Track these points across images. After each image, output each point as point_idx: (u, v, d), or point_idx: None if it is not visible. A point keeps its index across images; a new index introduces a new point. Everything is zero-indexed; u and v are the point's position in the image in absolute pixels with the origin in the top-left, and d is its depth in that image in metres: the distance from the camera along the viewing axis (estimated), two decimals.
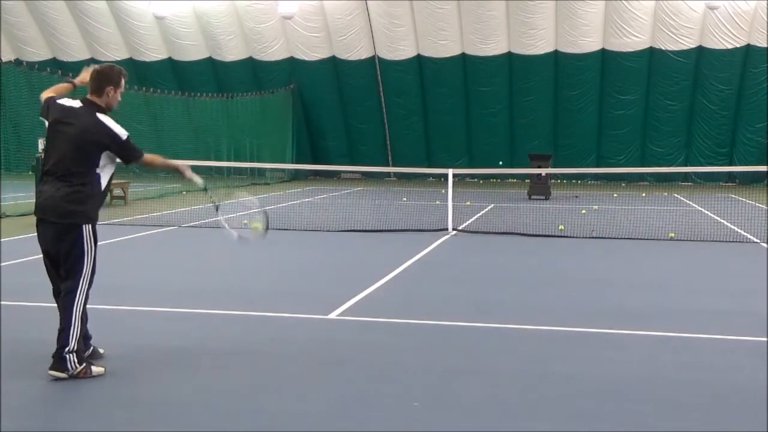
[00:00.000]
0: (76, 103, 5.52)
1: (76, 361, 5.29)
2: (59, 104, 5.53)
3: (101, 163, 5.45)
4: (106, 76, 5.55)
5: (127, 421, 4.67)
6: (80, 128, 5.38)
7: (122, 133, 5.47)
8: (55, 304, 5.58)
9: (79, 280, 5.39)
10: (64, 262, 5.42)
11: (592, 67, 29.07)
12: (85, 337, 5.57)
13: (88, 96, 5.55)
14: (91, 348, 5.70)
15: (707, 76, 28.44)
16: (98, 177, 5.46)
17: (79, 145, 5.36)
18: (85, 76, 5.82)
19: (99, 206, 5.57)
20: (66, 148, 5.37)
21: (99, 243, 5.59)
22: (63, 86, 5.86)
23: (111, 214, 15.95)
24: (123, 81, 5.61)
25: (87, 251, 5.42)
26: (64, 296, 5.39)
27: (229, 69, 31.85)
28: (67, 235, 5.38)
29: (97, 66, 5.68)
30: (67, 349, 5.27)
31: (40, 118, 5.66)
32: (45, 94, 5.71)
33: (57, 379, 5.28)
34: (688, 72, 28.52)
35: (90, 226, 5.44)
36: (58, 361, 5.29)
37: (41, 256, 5.58)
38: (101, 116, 5.46)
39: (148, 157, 5.70)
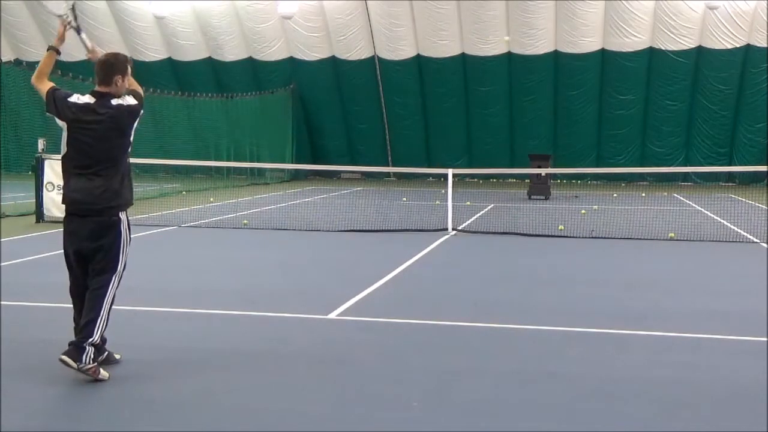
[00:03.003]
0: (89, 98, 5.46)
1: (92, 355, 5.20)
2: (71, 102, 5.45)
3: (130, 143, 5.53)
4: (111, 65, 5.50)
5: (127, 421, 4.67)
6: (105, 120, 5.37)
7: (134, 102, 5.54)
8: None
9: (114, 274, 5.42)
10: (102, 258, 5.39)
11: (592, 67, 29.07)
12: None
13: (97, 87, 5.49)
14: (106, 353, 5.54)
15: (707, 76, 28.45)
16: (126, 159, 5.53)
17: (108, 138, 5.38)
18: (61, 30, 5.83)
19: (132, 189, 5.65)
20: (95, 144, 5.36)
21: None
22: (47, 61, 5.72)
23: None
24: (129, 68, 5.57)
25: (124, 245, 5.48)
26: (97, 289, 5.34)
27: (229, 69, 31.84)
28: (109, 231, 5.40)
29: (101, 56, 5.60)
30: (90, 340, 5.18)
31: (48, 114, 5.56)
32: (39, 83, 5.60)
33: (65, 364, 5.13)
34: (687, 72, 28.53)
35: (125, 215, 5.50)
36: (76, 350, 5.16)
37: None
38: (115, 101, 5.46)
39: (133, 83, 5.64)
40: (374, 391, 5.24)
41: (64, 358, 5.18)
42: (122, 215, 5.48)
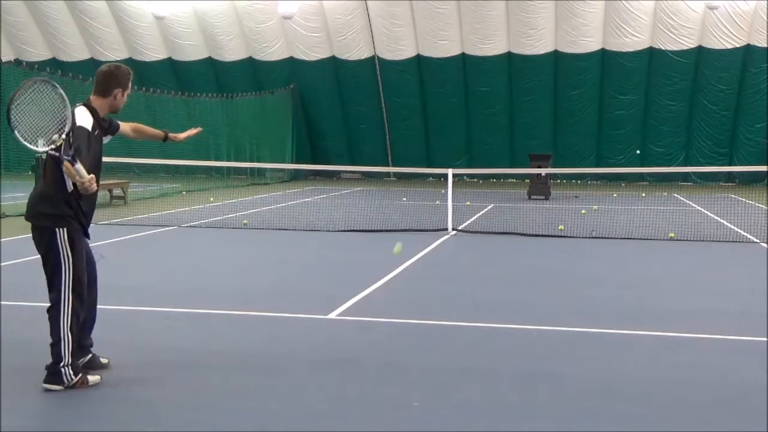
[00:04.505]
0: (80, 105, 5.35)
1: (71, 373, 5.12)
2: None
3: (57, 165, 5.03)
4: (114, 77, 5.33)
5: (126, 421, 4.67)
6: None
7: (82, 121, 5.11)
8: None
9: (61, 291, 5.10)
10: (46, 267, 5.18)
11: (592, 67, 29.07)
12: (82, 346, 5.40)
13: (91, 96, 5.34)
14: (90, 356, 5.49)
15: (707, 76, 28.44)
16: (62, 179, 5.07)
17: None
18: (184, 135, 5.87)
19: (75, 208, 5.16)
20: None
21: (100, 243, 5.55)
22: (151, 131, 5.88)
23: (111, 214, 15.95)
24: (130, 82, 5.43)
25: (63, 259, 5.09)
26: (50, 309, 5.14)
27: (229, 69, 31.85)
28: (42, 239, 5.16)
29: (103, 66, 5.45)
30: (61, 363, 5.10)
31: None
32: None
33: (50, 391, 5.10)
34: (688, 72, 28.52)
35: (65, 230, 5.11)
36: (53, 375, 5.10)
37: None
38: (78, 108, 5.23)
39: (68, 167, 4.93)
40: (374, 391, 5.24)
41: (47, 386, 5.11)
42: (59, 230, 5.08)
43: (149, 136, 6.02)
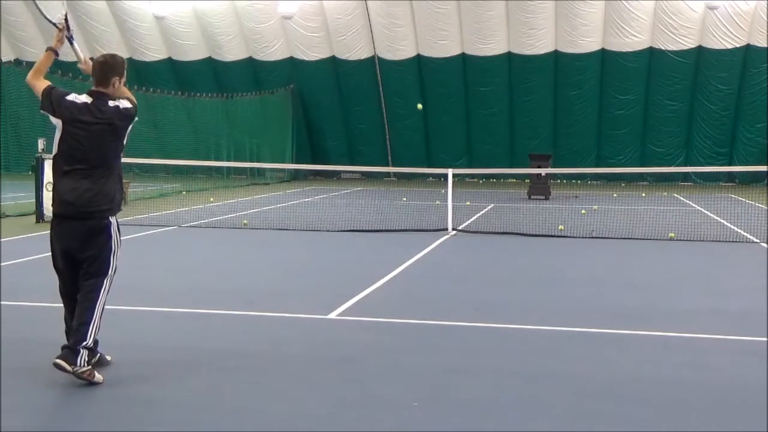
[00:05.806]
0: (87, 98, 5.44)
1: (86, 359, 5.17)
2: (69, 101, 5.41)
3: (123, 146, 5.58)
4: (111, 66, 5.52)
5: (127, 421, 4.67)
6: (105, 122, 5.37)
7: (130, 105, 5.57)
8: (59, 304, 5.54)
9: (105, 278, 5.37)
10: (93, 262, 5.35)
11: (592, 67, 29.08)
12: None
13: (95, 88, 5.48)
14: (98, 355, 5.54)
15: (707, 76, 28.46)
16: (119, 163, 5.56)
17: (105, 140, 5.38)
18: (60, 35, 5.78)
19: (122, 192, 5.66)
20: (90, 144, 5.33)
21: None
22: (45, 61, 5.69)
23: None
24: (125, 70, 5.63)
25: (115, 249, 5.44)
26: (89, 293, 5.29)
27: (229, 69, 31.85)
28: (100, 235, 5.35)
29: (98, 57, 5.63)
30: (84, 344, 5.15)
31: (42, 111, 5.49)
32: (36, 80, 5.56)
33: (59, 369, 5.10)
34: (688, 72, 28.53)
35: (116, 219, 5.48)
36: (70, 354, 5.13)
37: (49, 253, 5.50)
38: (112, 102, 5.48)
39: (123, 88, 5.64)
40: (374, 391, 5.24)
41: (59, 362, 5.14)
42: (112, 219, 5.45)
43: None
